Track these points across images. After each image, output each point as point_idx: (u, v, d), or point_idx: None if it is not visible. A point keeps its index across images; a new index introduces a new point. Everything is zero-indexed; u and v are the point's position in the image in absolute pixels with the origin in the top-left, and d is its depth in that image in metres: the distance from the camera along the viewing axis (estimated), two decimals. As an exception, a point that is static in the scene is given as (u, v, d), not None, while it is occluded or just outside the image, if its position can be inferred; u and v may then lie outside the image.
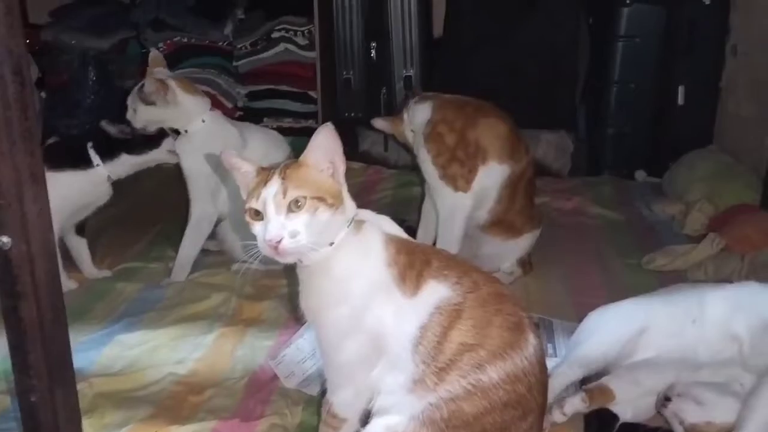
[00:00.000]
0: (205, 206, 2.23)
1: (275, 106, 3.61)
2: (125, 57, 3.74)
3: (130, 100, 2.15)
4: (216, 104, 3.55)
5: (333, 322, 1.18)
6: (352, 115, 3.55)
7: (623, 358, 1.56)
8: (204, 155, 2.16)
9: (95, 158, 2.13)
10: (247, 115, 3.64)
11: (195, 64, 3.62)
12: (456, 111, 2.11)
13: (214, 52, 3.64)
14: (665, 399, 1.44)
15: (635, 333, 1.57)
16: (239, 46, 3.58)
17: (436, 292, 1.15)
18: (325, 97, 3.52)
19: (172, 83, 2.14)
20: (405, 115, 2.20)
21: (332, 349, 1.21)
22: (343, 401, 1.24)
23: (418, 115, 2.15)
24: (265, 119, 3.62)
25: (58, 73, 3.73)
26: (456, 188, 2.07)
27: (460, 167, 2.06)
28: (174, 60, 3.62)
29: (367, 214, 1.24)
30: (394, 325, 1.15)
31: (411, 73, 3.48)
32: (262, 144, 2.28)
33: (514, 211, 2.15)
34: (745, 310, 1.52)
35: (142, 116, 2.13)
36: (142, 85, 2.13)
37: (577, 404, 1.47)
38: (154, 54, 2.28)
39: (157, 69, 2.19)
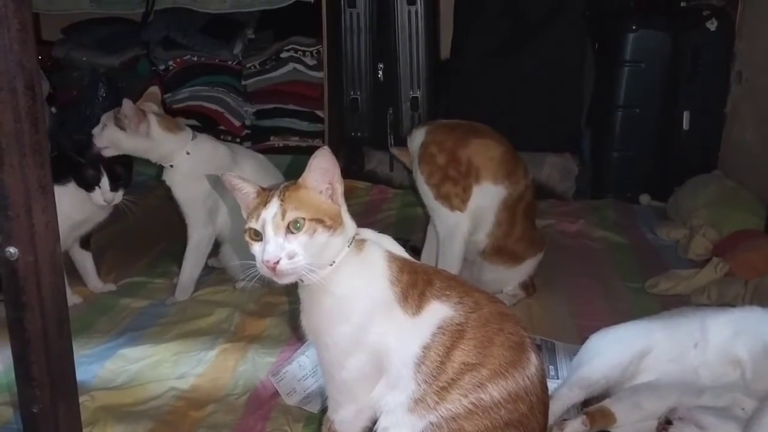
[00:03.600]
0: (202, 230, 2.23)
1: (282, 124, 3.63)
2: (135, 74, 3.78)
3: (104, 117, 2.11)
4: (224, 122, 3.63)
5: (335, 341, 1.18)
6: (359, 134, 3.57)
7: (624, 381, 1.56)
8: (196, 180, 2.17)
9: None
10: (255, 133, 3.67)
11: (204, 83, 3.65)
12: (447, 132, 2.13)
13: (223, 70, 3.68)
14: (666, 422, 1.43)
15: (636, 356, 1.57)
16: (248, 65, 3.61)
17: (439, 311, 1.15)
18: (332, 117, 3.54)
19: (151, 117, 2.09)
20: (409, 142, 2.23)
21: (334, 367, 1.21)
22: (344, 419, 1.24)
23: (415, 140, 2.18)
24: (272, 138, 3.65)
25: (69, 90, 3.77)
26: (452, 207, 2.08)
27: (453, 186, 2.07)
28: (183, 78, 3.67)
29: (368, 234, 1.25)
30: (397, 343, 1.16)
31: (418, 94, 3.50)
32: (251, 165, 2.28)
33: (515, 237, 2.15)
34: (747, 334, 1.52)
35: (108, 136, 2.07)
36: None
37: (577, 427, 1.46)
38: (152, 89, 2.23)
39: (148, 104, 2.16)
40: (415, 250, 2.37)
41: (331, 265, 1.16)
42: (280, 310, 2.13)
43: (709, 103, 3.19)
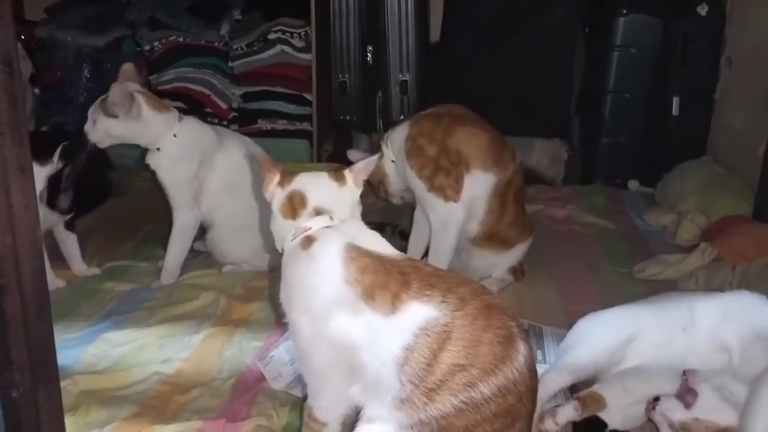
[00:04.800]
0: (187, 213, 2.21)
1: (270, 107, 3.59)
2: (120, 55, 3.70)
3: (91, 111, 2.07)
4: (210, 104, 3.59)
5: (299, 328, 1.22)
6: (347, 118, 3.54)
7: (612, 366, 1.56)
8: (182, 163, 2.15)
9: (57, 158, 2.03)
10: (242, 116, 3.62)
11: (190, 64, 3.60)
12: (433, 122, 2.09)
13: (209, 52, 3.62)
14: (654, 400, 1.43)
15: (624, 341, 1.56)
16: (235, 46, 3.56)
17: (420, 313, 1.13)
18: (321, 100, 3.51)
19: (139, 98, 2.07)
20: (384, 148, 2.17)
21: (304, 354, 1.24)
22: (323, 406, 1.26)
23: (397, 137, 2.13)
24: (259, 121, 3.61)
25: (53, 70, 3.71)
26: (446, 198, 2.05)
27: (446, 177, 2.04)
28: (169, 59, 3.61)
29: (354, 229, 1.25)
30: (367, 340, 1.15)
31: (407, 77, 3.48)
32: (238, 149, 2.25)
33: (506, 222, 2.14)
34: (735, 319, 1.52)
35: (102, 129, 2.05)
36: (106, 97, 2.04)
37: (569, 413, 1.46)
38: (126, 66, 2.16)
39: (128, 83, 2.10)
40: (404, 236, 2.36)
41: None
42: (267, 295, 2.11)
43: (698, 89, 3.19)
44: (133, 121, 2.05)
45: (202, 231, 2.32)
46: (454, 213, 2.06)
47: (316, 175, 1.32)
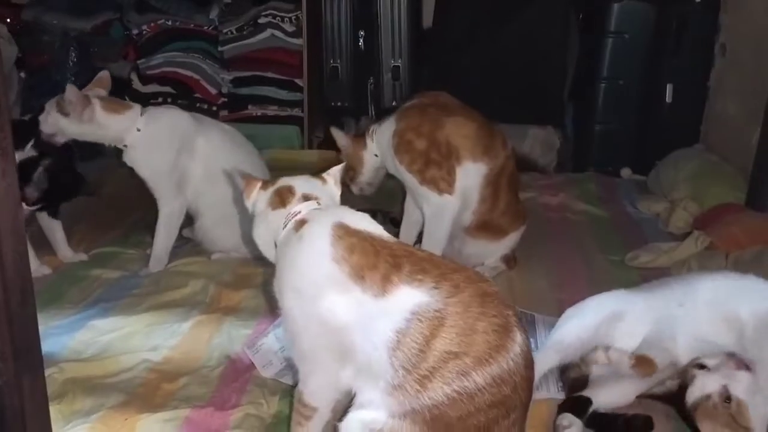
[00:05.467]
0: (171, 202, 2.19)
1: (260, 93, 3.55)
2: (107, 39, 3.66)
3: (48, 103, 2.09)
4: (199, 89, 3.55)
5: (289, 311, 1.22)
6: (339, 104, 3.51)
7: (599, 342, 1.53)
8: (155, 154, 2.12)
9: (30, 146, 2.03)
10: (232, 101, 3.59)
11: (179, 48, 3.55)
12: (419, 115, 2.06)
13: (198, 36, 3.58)
14: (699, 366, 1.39)
15: (610, 317, 1.55)
16: (225, 30, 3.51)
17: (411, 297, 1.12)
18: (312, 86, 3.48)
19: (95, 101, 2.07)
20: (368, 141, 2.14)
21: (295, 336, 1.24)
22: (313, 391, 1.25)
23: (385, 133, 2.09)
24: (249, 106, 3.57)
25: (39, 54, 3.64)
26: (440, 191, 2.03)
27: (438, 170, 2.02)
28: (157, 43, 3.57)
29: (344, 211, 1.26)
30: (357, 320, 1.14)
31: (399, 63, 3.45)
32: (219, 137, 2.22)
33: (499, 210, 2.12)
34: (750, 293, 1.49)
35: (52, 123, 2.06)
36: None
37: (623, 359, 1.42)
38: (102, 74, 2.20)
39: (96, 89, 2.12)
40: (395, 223, 2.34)
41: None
42: (256, 282, 2.08)
43: (692, 76, 3.18)
44: (85, 124, 2.06)
45: (191, 218, 2.29)
46: (448, 204, 2.04)
47: (299, 176, 1.37)
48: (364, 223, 1.24)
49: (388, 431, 1.11)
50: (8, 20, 3.54)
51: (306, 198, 1.30)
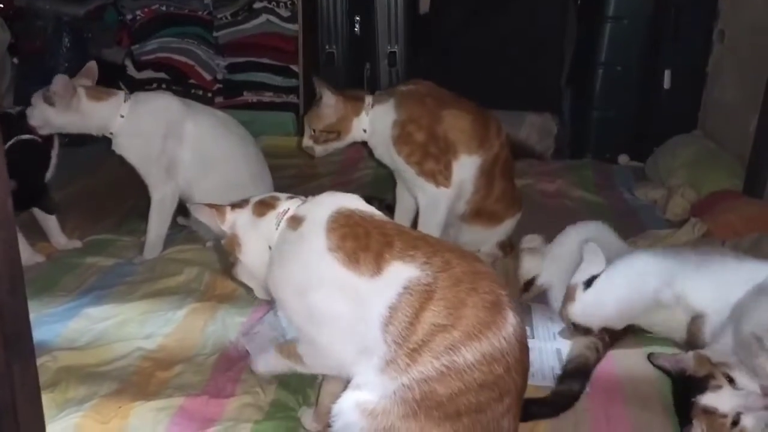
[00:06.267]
0: (162, 188, 2.17)
1: (256, 79, 3.53)
2: (101, 24, 3.63)
3: (34, 96, 2.08)
4: (194, 75, 3.52)
5: (288, 303, 1.26)
6: (335, 90, 3.49)
7: None
8: (142, 140, 2.11)
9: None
10: (227, 87, 3.56)
11: (173, 34, 3.52)
12: (419, 106, 2.02)
13: (193, 21, 3.55)
14: (729, 379, 1.38)
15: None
16: (219, 16, 3.49)
17: (403, 272, 1.14)
18: (308, 72, 3.45)
19: (80, 90, 2.06)
20: (364, 113, 2.03)
21: (298, 325, 1.27)
22: (312, 366, 1.31)
23: (382, 118, 2.03)
24: (244, 92, 3.55)
25: (32, 39, 3.60)
26: (437, 184, 2.02)
27: (435, 163, 2.01)
28: (151, 28, 3.54)
29: (336, 200, 1.28)
30: (354, 303, 1.16)
31: (395, 49, 3.42)
32: (209, 123, 2.20)
33: (494, 198, 2.12)
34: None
35: (40, 115, 2.05)
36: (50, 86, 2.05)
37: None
38: (90, 65, 2.17)
39: (82, 79, 2.12)
40: (390, 209, 2.33)
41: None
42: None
43: (690, 62, 3.16)
44: (72, 113, 2.05)
45: (186, 208, 2.27)
46: (444, 196, 2.04)
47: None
48: (356, 203, 1.27)
49: (381, 411, 1.11)
50: (0, 5, 3.51)
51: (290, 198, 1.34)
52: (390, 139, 2.03)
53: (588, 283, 1.66)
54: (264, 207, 1.34)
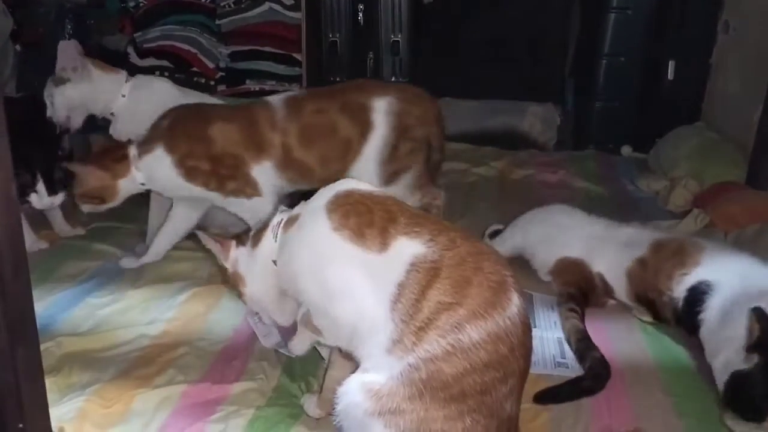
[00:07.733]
0: None
1: (258, 67, 3.53)
2: (104, 11, 3.63)
3: (45, 93, 2.09)
4: (197, 63, 3.52)
5: (305, 290, 1.25)
6: (338, 79, 3.48)
7: None
8: (139, 122, 2.04)
9: None
10: (229, 76, 3.56)
11: (176, 22, 3.52)
12: (186, 140, 1.89)
13: (196, 9, 3.54)
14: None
15: None
16: (222, 4, 3.48)
17: (408, 248, 1.14)
18: (310, 60, 3.45)
19: (86, 60, 2.09)
20: (135, 171, 1.91)
21: (315, 309, 1.27)
22: (330, 342, 1.30)
23: (156, 167, 1.89)
24: (247, 81, 3.54)
25: (34, 27, 3.60)
26: (247, 197, 1.93)
27: (234, 181, 1.91)
28: (154, 16, 3.54)
29: (330, 192, 1.27)
30: (365, 280, 1.16)
31: (398, 38, 3.41)
32: None
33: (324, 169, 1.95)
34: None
35: (60, 102, 2.07)
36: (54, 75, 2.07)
37: None
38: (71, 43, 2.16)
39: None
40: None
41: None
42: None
43: (694, 53, 3.15)
44: (85, 83, 2.07)
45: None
46: (261, 204, 1.93)
47: None
48: (352, 184, 1.28)
49: (386, 392, 1.10)
50: (4, -7, 3.50)
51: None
52: (179, 179, 1.91)
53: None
54: (259, 234, 1.37)
